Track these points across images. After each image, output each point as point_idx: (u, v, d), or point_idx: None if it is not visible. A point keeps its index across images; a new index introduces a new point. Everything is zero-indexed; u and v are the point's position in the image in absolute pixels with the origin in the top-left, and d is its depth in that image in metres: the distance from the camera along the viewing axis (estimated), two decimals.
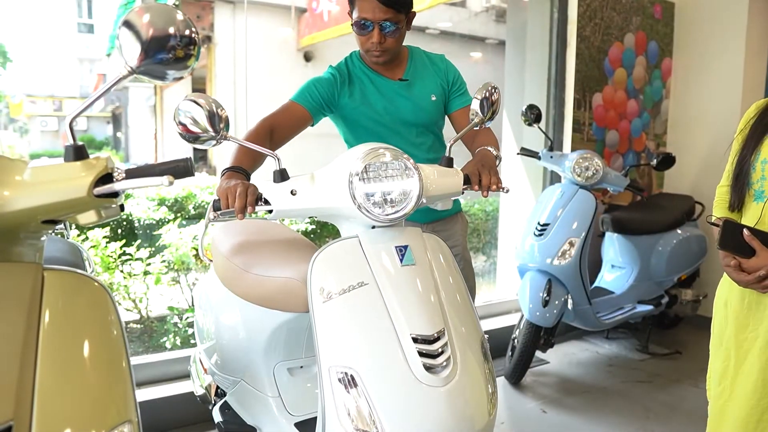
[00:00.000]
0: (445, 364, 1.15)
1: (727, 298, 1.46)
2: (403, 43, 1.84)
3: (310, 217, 1.44)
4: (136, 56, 0.91)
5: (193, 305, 3.49)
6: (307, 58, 8.20)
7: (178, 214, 3.80)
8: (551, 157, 3.05)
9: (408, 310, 1.16)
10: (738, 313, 1.41)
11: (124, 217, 3.56)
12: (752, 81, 3.64)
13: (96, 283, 0.98)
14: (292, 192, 1.24)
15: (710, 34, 3.75)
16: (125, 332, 1.01)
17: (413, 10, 1.78)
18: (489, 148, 1.58)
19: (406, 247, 1.22)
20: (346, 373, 1.11)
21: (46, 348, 0.87)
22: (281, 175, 1.26)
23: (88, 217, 0.92)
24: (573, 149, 3.44)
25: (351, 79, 1.81)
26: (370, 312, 1.15)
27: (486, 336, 1.33)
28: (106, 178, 0.92)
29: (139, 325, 3.33)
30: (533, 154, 3.10)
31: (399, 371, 1.12)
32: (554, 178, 3.47)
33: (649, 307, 3.21)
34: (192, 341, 3.14)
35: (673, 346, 3.40)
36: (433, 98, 1.84)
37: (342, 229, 1.32)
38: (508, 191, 1.46)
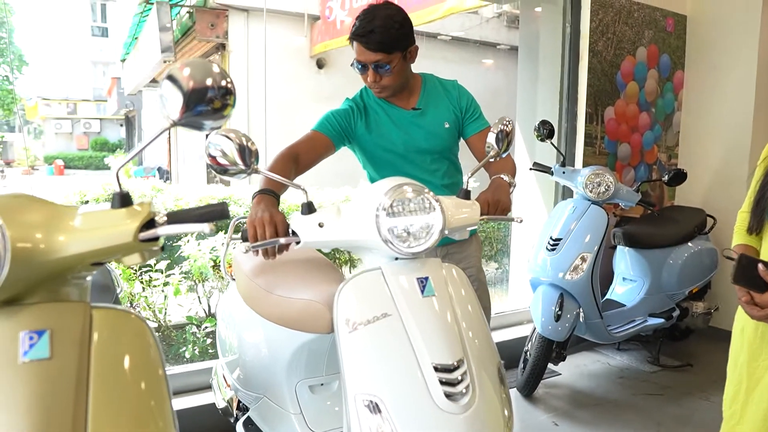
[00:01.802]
0: (464, 391, 1.20)
1: (744, 325, 1.51)
2: (416, 71, 1.90)
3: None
4: (178, 109, 0.98)
5: (210, 315, 3.58)
6: (320, 65, 8.27)
7: None
8: (563, 172, 3.09)
9: (429, 339, 1.22)
10: (752, 341, 1.45)
11: None
12: (765, 93, 3.66)
13: (138, 318, 1.04)
14: (319, 224, 1.31)
15: (723, 46, 3.77)
16: (164, 362, 1.07)
17: (414, 44, 1.81)
18: (503, 176, 1.64)
19: (426, 278, 1.28)
20: (371, 401, 1.17)
21: (97, 381, 0.93)
22: (309, 208, 1.33)
23: (132, 259, 0.99)
24: (585, 163, 3.49)
25: (366, 111, 1.87)
26: (394, 342, 1.21)
27: (502, 362, 1.38)
28: (149, 222, 0.98)
29: (158, 334, 3.42)
30: (546, 170, 3.14)
31: (421, 399, 1.17)
32: (566, 191, 3.51)
33: (661, 320, 3.24)
34: (210, 351, 3.22)
35: (684, 359, 3.43)
36: (447, 125, 1.89)
37: (364, 259, 1.38)
38: (521, 221, 1.52)
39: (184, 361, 3.11)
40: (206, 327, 3.24)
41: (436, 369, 1.19)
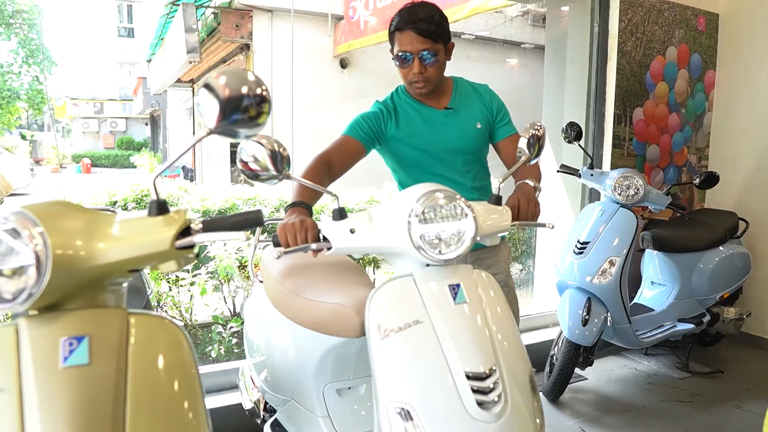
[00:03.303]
0: (496, 399, 1.19)
1: None
2: (445, 74, 1.89)
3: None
4: (214, 118, 0.98)
5: (235, 314, 3.61)
6: (343, 65, 8.29)
7: None
8: (591, 175, 3.05)
9: (461, 347, 1.21)
10: None
11: None
12: None
13: (173, 324, 1.05)
14: (351, 230, 1.30)
15: (756, 44, 3.69)
16: (198, 367, 1.08)
17: (451, 41, 1.84)
18: (528, 182, 1.63)
19: (458, 285, 1.27)
20: (402, 408, 1.17)
21: (134, 387, 0.95)
22: (340, 214, 1.33)
23: (169, 266, 1.00)
24: (613, 165, 3.43)
25: (397, 111, 1.87)
26: (425, 349, 1.20)
27: (533, 369, 1.36)
28: (185, 230, 0.99)
29: None
30: (573, 172, 3.10)
31: (453, 407, 1.16)
32: (593, 194, 3.46)
33: (690, 326, 3.18)
34: (236, 350, 3.25)
35: (714, 365, 3.36)
36: (479, 126, 1.88)
37: (395, 265, 1.38)
38: (553, 227, 1.51)
39: (209, 360, 3.14)
40: (232, 327, 3.26)
41: (468, 377, 1.18)
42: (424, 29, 1.72)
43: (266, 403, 2.02)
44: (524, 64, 9.64)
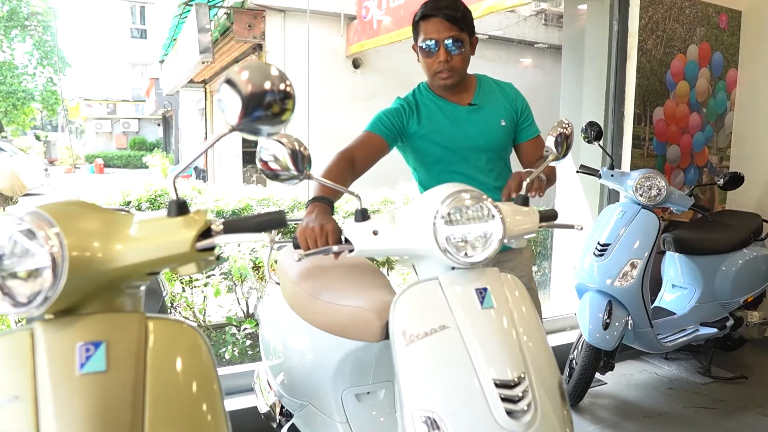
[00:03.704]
0: (526, 408, 1.14)
1: None
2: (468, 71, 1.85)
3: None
4: (236, 114, 0.94)
5: (249, 316, 3.58)
6: (356, 65, 8.25)
7: None
8: (612, 175, 2.98)
9: (489, 354, 1.16)
10: None
11: None
12: None
13: (191, 329, 1.01)
14: (374, 232, 1.26)
15: None
16: (217, 371, 1.05)
17: (476, 35, 1.81)
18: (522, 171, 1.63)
19: (485, 289, 1.22)
20: (428, 417, 1.12)
21: (153, 394, 0.91)
22: (363, 215, 1.28)
23: (188, 268, 0.96)
24: (633, 165, 3.37)
25: (418, 108, 1.83)
26: (452, 356, 1.16)
27: (562, 377, 1.31)
28: (206, 232, 0.95)
29: None
30: (593, 173, 3.04)
31: (481, 416, 1.12)
32: (612, 195, 3.40)
33: (713, 330, 3.11)
34: (250, 352, 3.22)
35: (737, 370, 3.28)
36: (503, 123, 1.84)
37: (419, 268, 1.33)
38: (581, 229, 1.46)
39: (223, 362, 3.12)
40: (245, 328, 3.24)
41: (496, 385, 1.14)
42: (450, 16, 1.71)
43: (282, 407, 1.98)
44: (538, 64, 9.57)
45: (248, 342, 3.22)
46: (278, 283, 1.99)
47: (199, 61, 8.01)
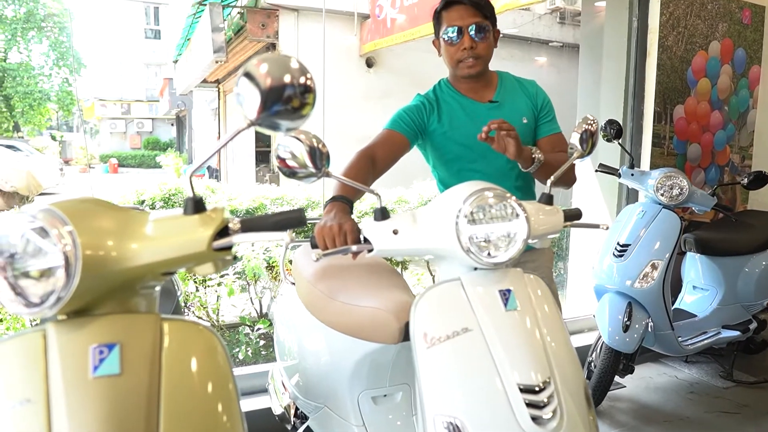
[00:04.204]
0: (552, 414, 1.10)
1: None
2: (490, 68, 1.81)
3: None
4: (255, 109, 0.91)
5: (262, 315, 3.56)
6: (369, 64, 8.22)
7: None
8: (632, 174, 2.92)
9: (513, 357, 1.12)
10: None
11: None
12: None
13: (207, 330, 0.99)
14: (394, 231, 1.22)
15: None
16: (233, 372, 1.02)
17: (497, 28, 1.77)
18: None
19: (509, 290, 1.18)
20: (451, 422, 1.09)
21: (168, 397, 0.88)
22: (382, 214, 1.25)
23: (205, 268, 0.93)
24: (652, 164, 3.30)
25: (439, 105, 1.79)
26: (475, 359, 1.12)
27: (588, 381, 1.27)
28: (223, 230, 0.92)
29: None
30: (613, 172, 2.98)
31: (505, 422, 1.08)
32: (631, 194, 3.33)
33: (736, 333, 3.03)
34: (263, 352, 3.20)
35: (760, 374, 3.20)
36: (525, 121, 1.79)
37: (440, 268, 1.30)
38: (607, 228, 1.41)
39: (237, 362, 3.10)
40: (259, 328, 3.21)
41: (521, 389, 1.10)
42: (474, 2, 1.68)
43: (297, 408, 1.95)
44: (553, 63, 9.48)
45: (262, 342, 3.20)
46: (293, 283, 1.96)
47: (213, 61, 8.03)
